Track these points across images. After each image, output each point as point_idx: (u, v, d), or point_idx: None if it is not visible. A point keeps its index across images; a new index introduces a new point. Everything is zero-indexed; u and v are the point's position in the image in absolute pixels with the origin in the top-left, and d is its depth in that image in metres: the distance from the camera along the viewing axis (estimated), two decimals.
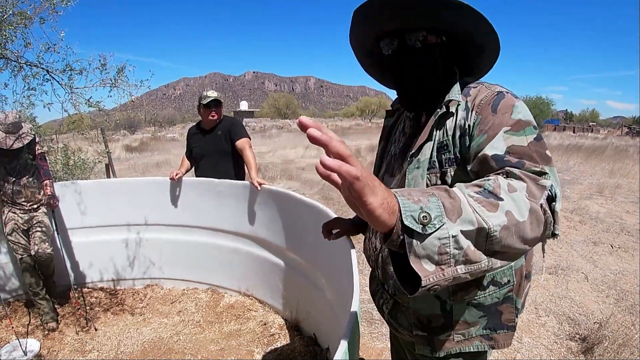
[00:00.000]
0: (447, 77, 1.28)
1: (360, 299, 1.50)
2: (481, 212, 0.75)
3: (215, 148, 3.82)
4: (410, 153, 1.26)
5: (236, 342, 3.27)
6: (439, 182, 1.21)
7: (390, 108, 1.59)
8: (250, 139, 3.84)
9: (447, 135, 1.21)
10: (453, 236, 0.71)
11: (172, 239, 4.01)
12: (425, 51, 1.23)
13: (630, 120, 61.68)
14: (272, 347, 3.18)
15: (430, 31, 1.22)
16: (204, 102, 3.74)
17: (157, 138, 30.12)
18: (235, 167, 3.89)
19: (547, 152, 1.03)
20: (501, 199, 0.79)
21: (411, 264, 0.70)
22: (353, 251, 1.74)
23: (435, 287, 0.71)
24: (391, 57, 1.27)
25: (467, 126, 1.16)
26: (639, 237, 5.73)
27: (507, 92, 1.16)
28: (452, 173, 1.19)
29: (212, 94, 3.80)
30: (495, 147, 1.03)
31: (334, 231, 1.75)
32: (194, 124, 4.12)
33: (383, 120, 1.62)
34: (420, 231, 0.69)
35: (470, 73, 1.34)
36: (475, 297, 1.26)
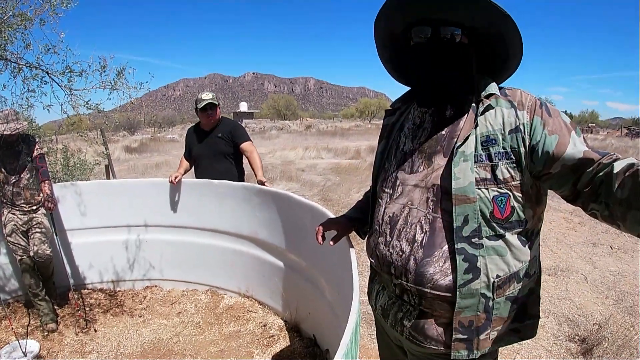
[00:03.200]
0: (472, 74, 1.31)
1: (360, 300, 1.48)
2: None
3: (215, 149, 3.85)
4: (456, 146, 1.24)
5: (236, 344, 3.27)
6: (488, 175, 1.21)
7: (390, 108, 1.58)
8: (251, 141, 3.88)
9: (493, 129, 1.23)
10: None
11: (172, 240, 4.01)
12: (459, 49, 1.27)
13: (630, 121, 61.66)
14: (272, 349, 3.18)
15: (466, 31, 1.26)
16: (200, 105, 3.77)
17: (157, 139, 30.11)
18: (237, 168, 3.95)
19: None
20: None
21: None
22: (352, 251, 1.73)
23: None
24: (419, 48, 1.30)
25: (519, 124, 1.21)
26: (639, 239, 5.73)
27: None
28: (504, 167, 1.20)
29: (207, 96, 3.81)
30: (582, 145, 1.16)
31: (331, 240, 1.68)
32: (194, 124, 4.12)
33: (382, 121, 1.61)
34: None
35: (492, 76, 1.36)
36: (513, 291, 1.28)
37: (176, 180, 3.76)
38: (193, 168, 4.05)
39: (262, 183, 3.55)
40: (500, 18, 1.18)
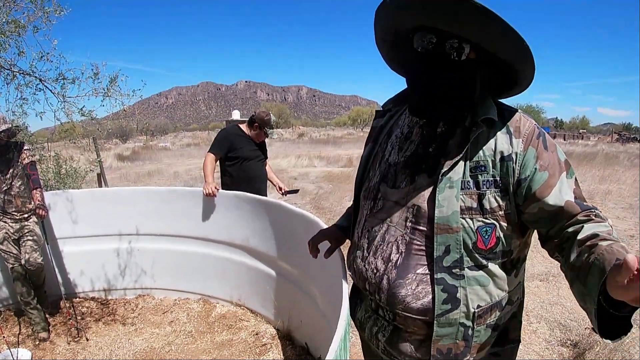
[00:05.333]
0: (474, 94, 1.22)
1: None
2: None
3: (262, 155, 4.19)
4: (442, 172, 1.17)
5: (228, 352, 3.26)
6: (474, 204, 1.16)
7: (381, 109, 1.52)
8: None
9: (484, 155, 1.17)
10: None
11: (164, 248, 4.00)
12: (465, 66, 1.17)
13: (621, 126, 62.23)
14: (264, 357, 3.17)
15: (473, 46, 1.14)
16: (270, 124, 4.04)
17: (149, 147, 30.02)
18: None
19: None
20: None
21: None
22: (343, 261, 1.73)
23: None
24: (421, 55, 1.19)
25: (512, 153, 1.15)
26: (629, 243, 5.77)
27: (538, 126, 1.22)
28: (492, 196, 1.16)
29: (274, 119, 4.13)
30: (566, 193, 1.13)
31: (326, 252, 1.65)
32: (229, 127, 4.26)
33: (372, 122, 1.57)
34: None
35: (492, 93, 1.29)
36: (494, 319, 1.25)
37: (218, 191, 3.71)
38: (229, 165, 4.05)
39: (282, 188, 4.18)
40: (521, 51, 1.09)
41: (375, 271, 1.29)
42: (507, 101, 1.33)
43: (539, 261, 5.07)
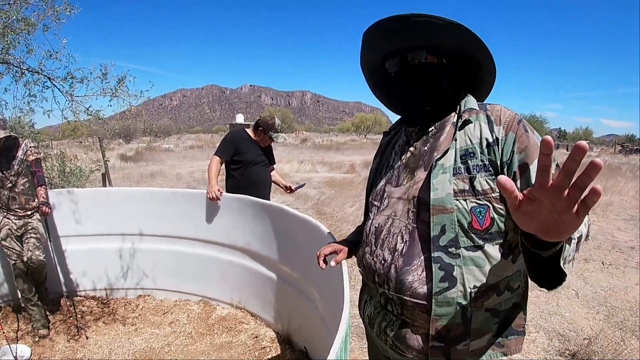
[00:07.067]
0: (451, 94, 1.40)
1: (352, 313, 1.49)
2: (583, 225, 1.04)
3: (267, 161, 4.19)
4: (436, 158, 1.30)
5: (227, 355, 3.27)
6: (467, 187, 1.25)
7: (388, 130, 1.65)
8: None
9: (471, 143, 1.28)
10: (576, 244, 1.05)
11: (166, 249, 4.01)
12: (426, 69, 1.35)
13: (624, 138, 62.08)
14: None
15: (430, 51, 1.34)
16: (276, 129, 4.03)
17: (152, 148, 30.11)
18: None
19: None
20: None
21: (562, 266, 0.95)
22: (344, 263, 1.74)
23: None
24: (396, 76, 1.40)
25: (495, 138, 1.26)
26: (630, 254, 5.78)
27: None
28: (483, 179, 1.24)
29: (280, 123, 4.14)
30: None
31: (333, 260, 1.62)
32: (235, 130, 4.24)
33: (378, 136, 1.65)
34: (571, 244, 1.00)
35: (473, 94, 1.44)
36: (492, 303, 1.28)
37: (221, 194, 3.72)
38: (233, 169, 4.06)
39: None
40: (459, 36, 1.27)
41: (383, 262, 1.37)
42: (511, 106, 1.43)
43: None
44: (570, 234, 0.82)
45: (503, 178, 0.79)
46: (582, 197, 0.75)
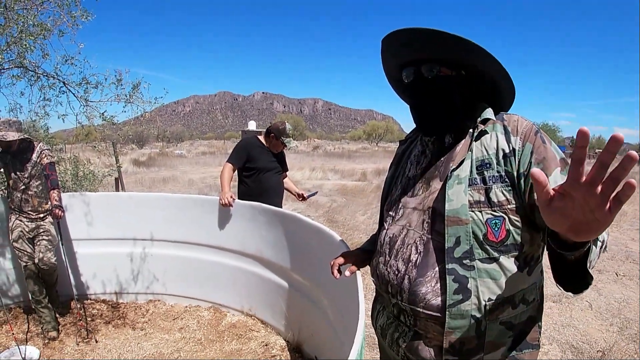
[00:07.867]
0: (467, 105, 1.38)
1: (365, 323, 1.48)
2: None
3: (280, 167, 4.20)
4: (451, 168, 1.29)
5: None
6: (482, 198, 1.23)
7: (405, 138, 1.65)
8: None
9: (487, 154, 1.27)
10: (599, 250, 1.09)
11: (177, 255, 4.02)
12: (440, 82, 1.33)
13: (636, 147, 61.29)
14: None
15: (445, 64, 1.32)
16: (288, 134, 4.06)
17: (165, 154, 30.30)
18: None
19: None
20: None
21: (588, 268, 0.99)
22: (358, 273, 1.71)
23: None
24: (409, 86, 1.40)
25: (511, 149, 1.24)
26: None
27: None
28: (499, 190, 1.22)
29: (292, 129, 4.14)
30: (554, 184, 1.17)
31: (348, 270, 1.60)
32: (247, 138, 4.24)
33: (389, 144, 1.64)
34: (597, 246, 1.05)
35: (493, 107, 1.40)
36: (507, 316, 1.26)
37: (234, 200, 3.72)
38: (246, 176, 4.06)
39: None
40: (468, 52, 1.26)
41: (397, 273, 1.35)
42: (524, 114, 1.41)
43: (552, 282, 5.00)
44: (600, 232, 0.81)
45: (537, 171, 0.78)
46: (615, 192, 0.74)
